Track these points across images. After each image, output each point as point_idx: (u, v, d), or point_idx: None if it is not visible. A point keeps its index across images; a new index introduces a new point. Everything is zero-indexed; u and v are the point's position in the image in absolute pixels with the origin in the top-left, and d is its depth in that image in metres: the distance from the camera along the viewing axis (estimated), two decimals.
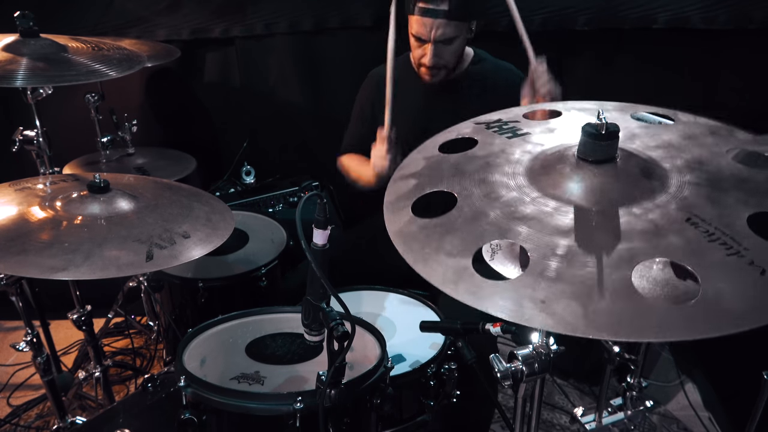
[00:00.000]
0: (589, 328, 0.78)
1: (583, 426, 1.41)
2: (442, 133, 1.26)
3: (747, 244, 0.84)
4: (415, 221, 1.01)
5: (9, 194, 1.48)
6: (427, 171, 1.14)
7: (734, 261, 0.82)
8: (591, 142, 0.98)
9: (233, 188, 2.65)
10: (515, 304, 0.82)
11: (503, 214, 0.96)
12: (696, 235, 0.87)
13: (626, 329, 0.79)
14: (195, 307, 1.93)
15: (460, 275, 0.88)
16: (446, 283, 0.88)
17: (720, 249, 0.84)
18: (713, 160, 1.03)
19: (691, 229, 0.88)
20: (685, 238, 0.87)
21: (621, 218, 0.91)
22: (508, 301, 0.83)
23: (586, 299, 0.81)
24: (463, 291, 0.86)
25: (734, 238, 0.85)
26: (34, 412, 2.31)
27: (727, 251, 0.83)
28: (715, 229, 0.87)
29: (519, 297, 0.83)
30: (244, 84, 2.75)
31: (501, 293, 0.85)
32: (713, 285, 0.80)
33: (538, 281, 0.84)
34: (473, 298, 0.85)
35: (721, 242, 0.85)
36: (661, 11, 2.35)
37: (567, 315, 0.80)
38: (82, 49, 1.74)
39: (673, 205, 0.93)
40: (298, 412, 1.18)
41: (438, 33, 1.81)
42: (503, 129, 1.22)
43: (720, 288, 0.79)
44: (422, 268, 0.91)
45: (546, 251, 0.88)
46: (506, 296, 0.84)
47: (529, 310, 0.81)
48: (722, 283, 0.80)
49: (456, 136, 1.24)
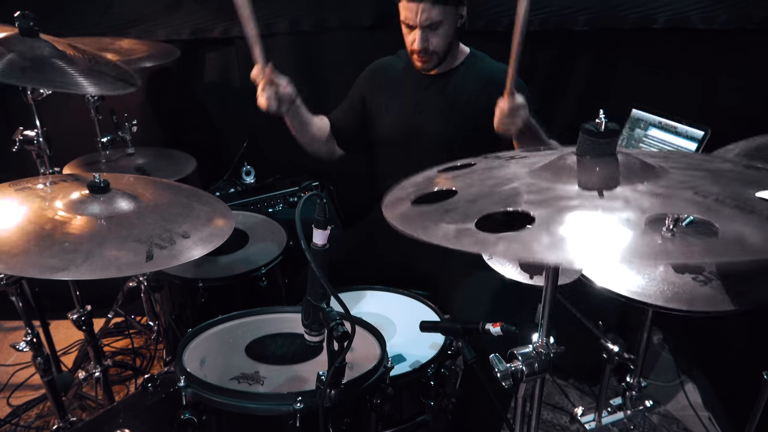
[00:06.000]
0: (611, 253, 0.76)
1: (582, 426, 1.41)
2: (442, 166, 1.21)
3: (760, 207, 0.83)
4: (414, 208, 0.99)
5: (9, 194, 1.48)
6: (424, 184, 1.11)
7: (750, 215, 0.81)
8: (591, 140, 0.97)
9: (233, 188, 2.66)
10: (524, 247, 0.80)
11: (506, 193, 0.95)
12: (706, 201, 0.86)
13: (649, 256, 0.76)
14: (195, 307, 1.94)
15: (461, 233, 0.86)
16: (448, 239, 0.85)
17: (733, 209, 0.83)
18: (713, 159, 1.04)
19: (700, 198, 0.87)
20: (695, 203, 0.86)
21: (626, 193, 0.90)
22: (516, 244, 0.81)
23: (602, 238, 0.79)
24: (467, 243, 0.83)
25: (745, 202, 0.84)
26: (34, 412, 2.31)
27: (741, 210, 0.82)
28: (724, 197, 0.86)
29: (528, 240, 0.81)
30: (244, 84, 2.74)
31: (508, 241, 0.82)
32: (733, 229, 0.78)
33: (547, 231, 0.82)
34: (479, 246, 0.83)
35: (732, 205, 0.83)
36: (661, 11, 2.35)
37: (583, 247, 0.78)
38: (77, 58, 1.72)
39: (678, 186, 0.92)
40: (298, 412, 1.18)
41: (423, 17, 1.84)
42: (500, 158, 1.17)
43: (741, 230, 0.77)
44: (423, 233, 0.88)
45: (552, 211, 0.86)
46: (514, 241, 0.82)
47: (540, 251, 0.79)
48: (743, 227, 0.78)
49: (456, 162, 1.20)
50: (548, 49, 2.57)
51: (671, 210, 0.86)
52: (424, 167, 1.17)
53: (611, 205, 0.86)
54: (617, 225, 0.81)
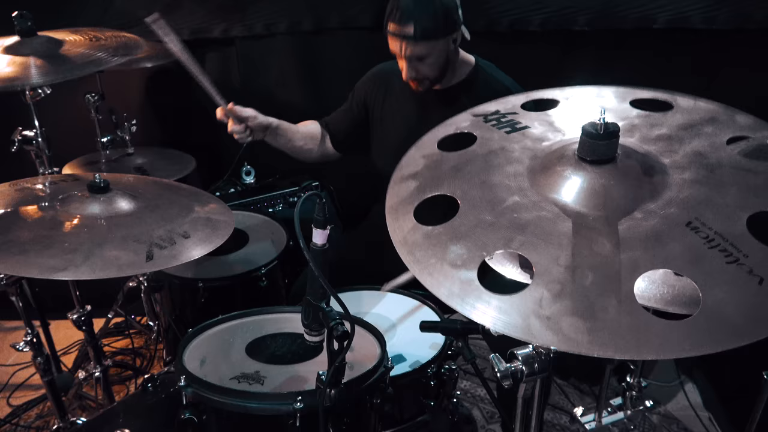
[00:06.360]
0: (592, 345, 0.80)
1: (582, 426, 1.41)
2: (440, 126, 1.26)
3: (746, 250, 0.85)
4: (418, 229, 1.01)
5: (9, 194, 1.48)
6: (427, 171, 1.14)
7: (734, 269, 0.83)
8: (591, 142, 0.98)
9: (233, 188, 2.65)
10: (523, 321, 0.85)
11: (506, 221, 0.98)
12: (696, 241, 0.88)
13: (630, 347, 0.80)
14: (195, 307, 1.94)
15: (466, 287, 0.91)
16: (453, 297, 0.91)
17: (719, 256, 0.85)
18: (713, 153, 1.04)
19: (692, 235, 0.89)
20: (685, 244, 0.88)
21: (622, 224, 0.92)
22: (515, 317, 0.86)
23: (589, 315, 0.83)
24: (468, 306, 0.89)
25: (734, 244, 0.86)
26: (34, 412, 2.31)
27: (726, 258, 0.85)
28: (715, 234, 0.88)
29: (526, 313, 0.86)
30: (244, 84, 2.75)
31: (507, 309, 0.88)
32: (713, 295, 0.81)
33: (544, 297, 0.86)
34: (478, 313, 0.88)
35: (720, 248, 0.86)
36: (661, 11, 2.35)
37: (571, 332, 0.82)
38: (79, 41, 1.74)
39: (673, 208, 0.94)
40: (298, 412, 1.18)
41: (408, 52, 1.84)
42: (501, 122, 1.22)
43: (720, 298, 0.81)
44: (428, 280, 0.94)
45: (549, 263, 0.90)
46: (512, 312, 0.87)
47: (536, 328, 0.84)
48: (722, 293, 0.81)
49: (455, 130, 1.24)
50: (548, 49, 2.57)
51: (663, 261, 0.89)
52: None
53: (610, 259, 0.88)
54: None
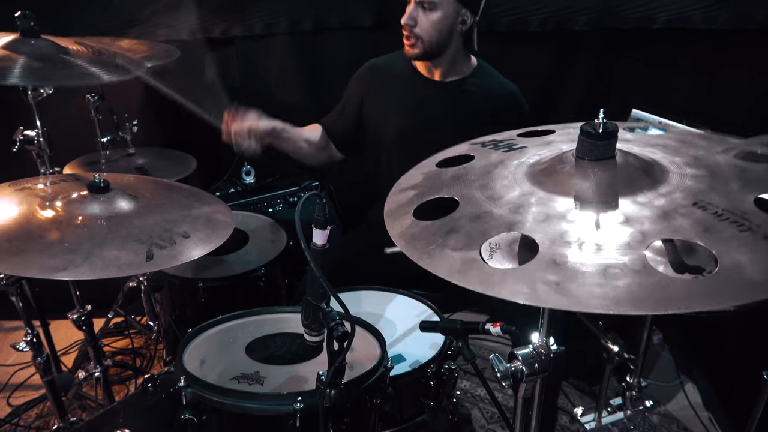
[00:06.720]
0: (609, 302, 0.75)
1: (582, 426, 1.41)
2: (439, 153, 1.26)
3: (758, 221, 0.83)
4: (417, 224, 1.00)
5: (9, 194, 1.48)
6: (426, 182, 1.14)
7: (748, 236, 0.80)
8: (589, 142, 0.98)
9: (233, 188, 2.65)
10: (529, 288, 0.80)
11: (508, 209, 0.96)
12: (705, 216, 0.85)
13: (649, 303, 0.75)
14: (195, 307, 1.94)
15: (467, 265, 0.87)
16: (453, 273, 0.87)
17: (731, 226, 0.82)
18: (710, 157, 1.04)
19: (699, 212, 0.86)
20: (694, 219, 0.85)
21: (626, 207, 0.91)
22: (521, 285, 0.81)
23: (602, 278, 0.78)
24: (473, 280, 0.85)
25: (744, 216, 0.84)
26: (34, 412, 2.31)
27: (739, 228, 0.82)
28: (723, 210, 0.86)
29: (532, 280, 0.81)
30: (244, 84, 2.75)
31: (513, 278, 0.83)
32: (731, 257, 0.78)
33: (550, 266, 0.82)
34: (485, 285, 0.83)
35: (731, 221, 0.83)
36: (661, 11, 2.35)
37: (583, 294, 0.77)
38: (81, 52, 1.74)
39: (677, 193, 0.92)
40: (298, 412, 1.18)
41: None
42: (499, 146, 1.21)
43: (738, 259, 0.77)
44: (428, 263, 0.90)
45: (555, 239, 0.87)
46: (519, 280, 0.82)
47: (544, 293, 0.79)
48: (740, 255, 0.77)
49: (453, 153, 1.23)
50: (548, 49, 2.57)
51: (672, 232, 0.86)
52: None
53: (611, 231, 0.86)
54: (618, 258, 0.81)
